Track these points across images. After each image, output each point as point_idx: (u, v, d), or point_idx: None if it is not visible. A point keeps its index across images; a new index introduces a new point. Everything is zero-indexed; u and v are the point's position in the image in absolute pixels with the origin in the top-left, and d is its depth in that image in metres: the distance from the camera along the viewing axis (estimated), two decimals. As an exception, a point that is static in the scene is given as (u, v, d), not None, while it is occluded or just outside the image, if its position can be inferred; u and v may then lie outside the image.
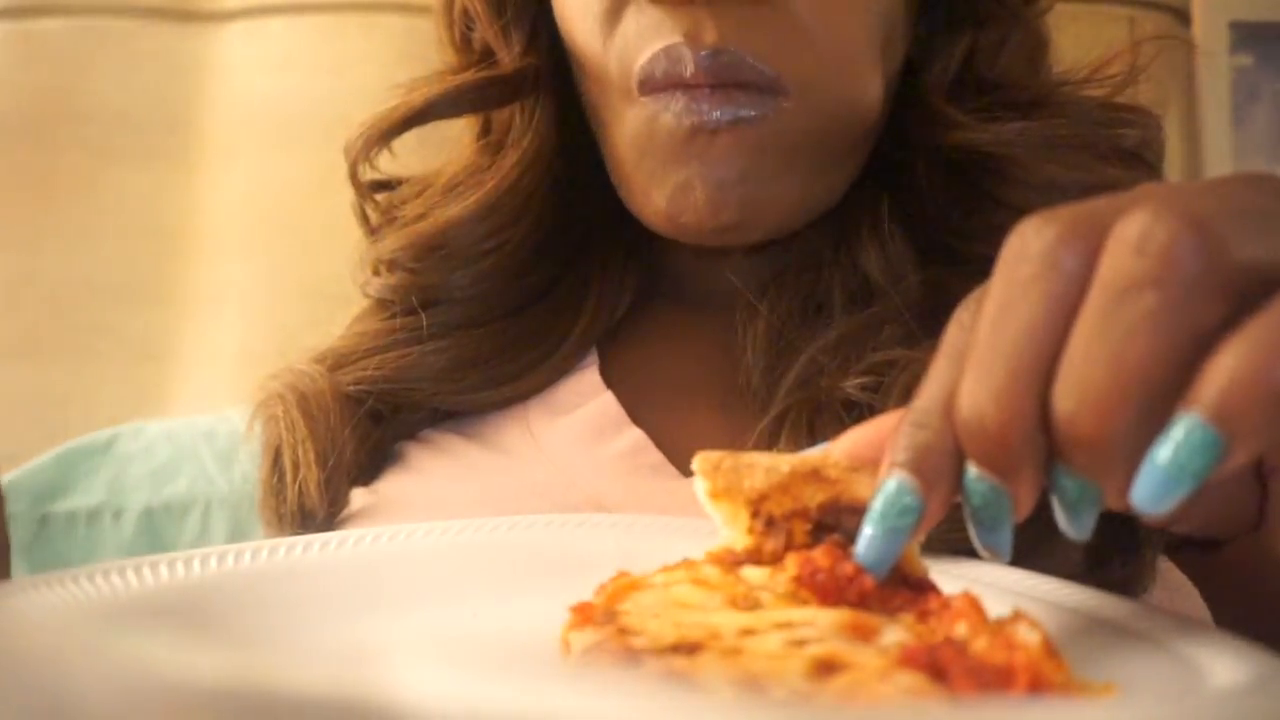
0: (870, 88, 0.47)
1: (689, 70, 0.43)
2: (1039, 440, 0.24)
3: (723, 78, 0.43)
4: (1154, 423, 0.23)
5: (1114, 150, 0.49)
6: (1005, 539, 0.26)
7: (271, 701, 0.16)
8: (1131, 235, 0.23)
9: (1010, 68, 0.50)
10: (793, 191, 0.46)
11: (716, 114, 0.43)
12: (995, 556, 0.27)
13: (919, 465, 0.26)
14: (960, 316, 0.27)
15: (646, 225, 0.48)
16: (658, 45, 0.43)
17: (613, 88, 0.46)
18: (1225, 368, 0.22)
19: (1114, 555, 0.41)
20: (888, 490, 0.26)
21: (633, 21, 0.45)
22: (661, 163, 0.45)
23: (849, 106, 0.46)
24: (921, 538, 0.27)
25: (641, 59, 0.44)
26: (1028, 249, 0.25)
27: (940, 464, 0.26)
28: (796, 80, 0.44)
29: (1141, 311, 0.23)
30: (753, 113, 0.44)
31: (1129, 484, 0.23)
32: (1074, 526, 0.26)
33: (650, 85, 0.44)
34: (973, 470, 0.26)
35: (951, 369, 0.26)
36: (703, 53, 0.43)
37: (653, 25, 0.44)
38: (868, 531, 0.26)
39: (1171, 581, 0.44)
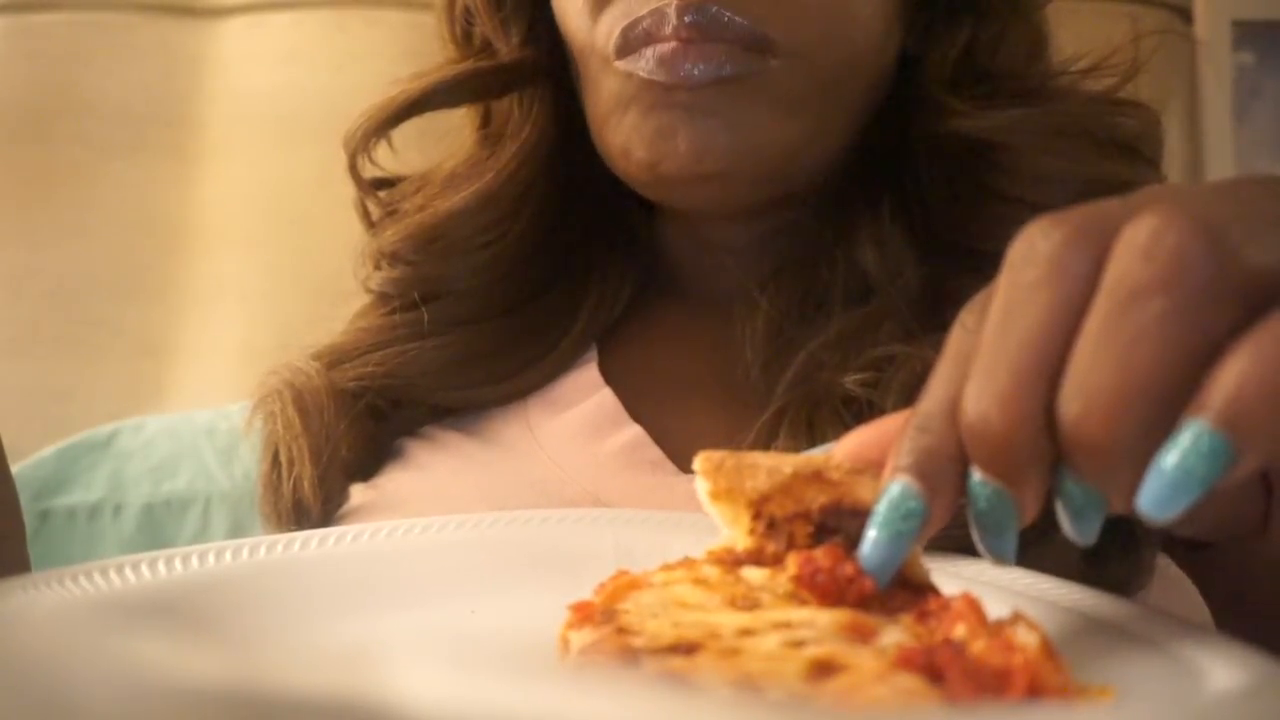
0: (866, 55, 0.46)
1: (668, 28, 0.42)
2: (1044, 445, 0.24)
3: (704, 34, 0.42)
4: (1161, 428, 0.23)
5: (1112, 143, 0.49)
6: (1010, 543, 0.26)
7: (269, 702, 0.16)
8: (1140, 239, 0.23)
9: (1010, 60, 0.50)
10: (783, 141, 0.45)
11: (696, 70, 0.42)
12: (1000, 561, 0.26)
13: (923, 469, 0.26)
14: (964, 319, 0.27)
15: (629, 183, 0.48)
16: (643, 12, 0.43)
17: (596, 59, 0.46)
18: (1234, 374, 0.22)
19: (1113, 553, 0.40)
20: (891, 494, 0.26)
21: (623, 2, 0.45)
22: (640, 112, 0.45)
23: (843, 70, 0.46)
24: (924, 541, 0.27)
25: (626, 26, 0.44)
26: (1035, 252, 0.25)
27: (944, 468, 0.26)
28: (788, 42, 0.43)
29: (1149, 317, 0.23)
30: (735, 70, 0.43)
31: (1135, 490, 0.23)
32: (1079, 531, 0.25)
33: (626, 48, 0.43)
34: (977, 474, 0.25)
35: (956, 372, 0.26)
36: (686, 11, 0.42)
37: (641, 2, 0.43)
38: (871, 535, 0.26)
39: (1170, 578, 0.44)
